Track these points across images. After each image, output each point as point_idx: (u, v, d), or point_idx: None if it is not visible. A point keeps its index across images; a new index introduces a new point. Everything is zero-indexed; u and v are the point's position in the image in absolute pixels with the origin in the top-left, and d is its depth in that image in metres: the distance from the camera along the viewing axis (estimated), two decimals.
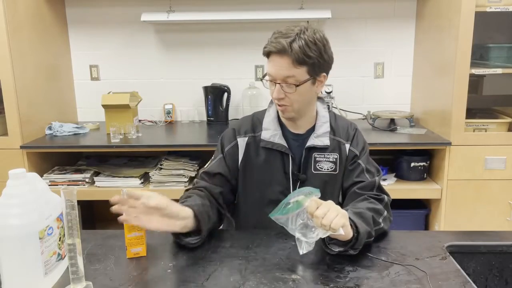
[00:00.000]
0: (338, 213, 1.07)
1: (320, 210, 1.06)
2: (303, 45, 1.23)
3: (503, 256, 1.22)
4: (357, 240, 1.13)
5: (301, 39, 1.23)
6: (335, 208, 1.08)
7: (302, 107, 1.34)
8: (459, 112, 2.29)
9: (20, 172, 0.98)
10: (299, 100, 1.30)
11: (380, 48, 2.91)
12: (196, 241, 1.19)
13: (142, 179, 2.46)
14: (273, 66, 1.27)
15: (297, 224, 1.09)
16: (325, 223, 1.04)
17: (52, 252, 1.03)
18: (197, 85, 2.92)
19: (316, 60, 1.26)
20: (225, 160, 1.41)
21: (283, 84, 1.27)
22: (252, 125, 1.43)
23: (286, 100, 1.30)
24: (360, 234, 1.13)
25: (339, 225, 1.05)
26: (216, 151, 1.45)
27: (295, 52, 1.22)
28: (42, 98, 2.59)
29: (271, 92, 1.32)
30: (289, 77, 1.26)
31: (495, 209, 2.38)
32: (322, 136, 1.38)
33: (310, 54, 1.24)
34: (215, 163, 1.42)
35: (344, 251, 1.14)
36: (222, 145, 1.43)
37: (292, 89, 1.27)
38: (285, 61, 1.24)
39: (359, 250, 1.15)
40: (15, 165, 2.25)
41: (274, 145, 1.38)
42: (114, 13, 2.89)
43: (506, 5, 2.22)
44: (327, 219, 1.05)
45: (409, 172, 2.51)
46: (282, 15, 2.66)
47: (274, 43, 1.25)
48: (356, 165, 1.39)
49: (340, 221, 1.06)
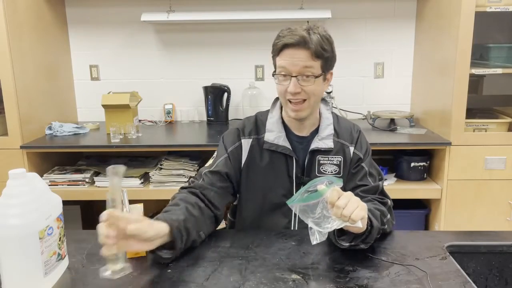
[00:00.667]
0: (358, 205, 1.06)
1: (341, 201, 1.04)
2: (320, 39, 1.23)
3: (503, 256, 1.22)
4: (370, 233, 1.13)
5: (316, 33, 1.23)
6: (355, 200, 1.07)
7: (316, 103, 1.32)
8: (459, 112, 2.29)
9: (20, 172, 0.98)
10: (315, 94, 1.28)
11: (380, 48, 2.91)
12: (168, 255, 1.11)
13: (142, 179, 2.46)
14: (290, 59, 1.24)
15: (316, 213, 1.07)
16: (346, 213, 1.03)
17: (52, 252, 1.03)
18: (197, 85, 2.92)
19: (330, 55, 1.27)
20: (230, 160, 1.38)
21: (299, 77, 1.25)
22: (256, 127, 1.40)
23: (302, 94, 1.26)
24: (373, 228, 1.13)
25: (359, 217, 1.04)
26: (219, 150, 1.41)
27: (315, 43, 1.22)
28: (42, 98, 2.59)
29: (282, 89, 1.28)
30: (307, 68, 1.24)
31: (495, 209, 2.38)
32: (326, 139, 1.37)
33: (326, 47, 1.25)
34: (220, 162, 1.37)
35: (355, 245, 1.14)
36: (225, 144, 1.40)
37: (310, 81, 1.25)
38: (304, 53, 1.23)
39: (370, 244, 1.15)
40: (15, 165, 2.25)
41: (279, 148, 1.35)
42: (114, 13, 2.89)
43: (506, 5, 2.22)
44: (348, 210, 1.03)
45: (409, 172, 2.51)
46: (282, 15, 2.66)
47: (289, 36, 1.23)
48: (360, 168, 1.38)
49: (360, 213, 1.04)
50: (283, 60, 1.26)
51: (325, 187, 1.06)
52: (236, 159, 1.38)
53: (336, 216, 1.05)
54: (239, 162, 1.38)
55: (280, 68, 1.27)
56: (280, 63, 1.27)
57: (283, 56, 1.26)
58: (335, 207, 1.04)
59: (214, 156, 1.41)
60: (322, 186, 1.06)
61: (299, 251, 1.19)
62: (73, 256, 1.17)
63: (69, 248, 1.17)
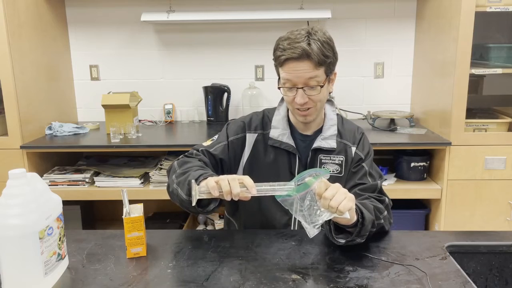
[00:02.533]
0: (346, 196, 1.06)
1: (329, 192, 1.05)
2: (320, 46, 1.24)
3: (503, 256, 1.22)
4: (363, 225, 1.13)
5: (315, 41, 1.24)
6: (343, 191, 1.07)
7: (322, 106, 1.35)
8: (459, 112, 2.29)
9: (20, 172, 0.98)
10: (322, 100, 1.32)
11: (380, 48, 2.91)
12: (214, 206, 1.22)
13: (142, 179, 2.46)
14: (293, 72, 1.26)
15: (304, 205, 1.07)
16: (333, 205, 1.04)
17: (52, 252, 1.03)
18: (197, 85, 2.92)
19: (332, 59, 1.28)
20: (228, 148, 1.40)
21: (305, 88, 1.27)
22: (263, 122, 1.43)
23: (309, 103, 1.29)
24: (365, 220, 1.13)
25: (347, 208, 1.05)
26: (221, 135, 1.44)
27: (316, 53, 1.23)
28: (42, 98, 2.59)
29: (290, 99, 1.30)
30: (312, 79, 1.26)
31: (495, 209, 2.38)
32: (329, 139, 1.39)
33: (328, 53, 1.26)
34: (219, 147, 1.40)
35: (351, 240, 1.14)
36: (228, 132, 1.43)
37: (317, 90, 1.27)
38: (306, 64, 1.24)
39: (366, 237, 1.16)
40: (15, 165, 2.25)
41: (282, 144, 1.38)
42: (114, 13, 2.89)
43: (506, 5, 2.22)
44: (336, 201, 1.04)
45: (409, 172, 2.51)
46: (282, 15, 2.66)
47: (290, 49, 1.23)
48: (360, 168, 1.39)
49: (348, 204, 1.05)
50: (287, 73, 1.27)
51: (313, 178, 1.07)
52: (235, 150, 1.41)
53: (324, 207, 1.06)
54: (238, 154, 1.41)
55: (284, 80, 1.29)
56: (284, 76, 1.28)
57: (286, 69, 1.27)
58: (323, 198, 1.05)
59: (214, 139, 1.44)
60: (309, 178, 1.07)
61: (299, 251, 1.19)
62: (73, 256, 1.17)
63: (69, 248, 1.18)
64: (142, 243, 1.16)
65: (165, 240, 1.26)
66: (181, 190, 1.22)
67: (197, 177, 1.18)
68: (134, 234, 1.15)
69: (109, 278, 1.06)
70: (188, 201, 1.18)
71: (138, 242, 1.16)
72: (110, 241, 1.26)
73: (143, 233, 1.16)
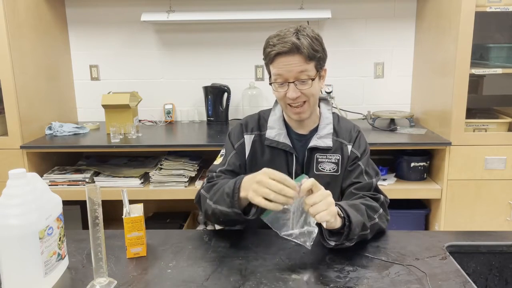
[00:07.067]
0: (327, 208, 1.07)
1: (311, 199, 1.07)
2: (310, 41, 1.26)
3: (503, 256, 1.22)
4: (350, 229, 1.13)
5: (305, 36, 1.26)
6: (327, 202, 1.08)
7: (315, 102, 1.36)
8: (459, 112, 2.29)
9: (20, 172, 0.98)
10: (314, 95, 1.32)
11: (380, 48, 2.91)
12: (254, 211, 1.19)
13: (142, 179, 2.46)
14: (284, 66, 1.27)
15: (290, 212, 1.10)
16: (312, 212, 1.06)
17: (52, 252, 1.03)
18: (197, 85, 2.92)
19: (321, 55, 1.30)
20: (238, 154, 1.42)
21: (296, 82, 1.28)
22: (259, 123, 1.45)
23: (302, 97, 1.30)
24: (352, 224, 1.13)
25: (323, 219, 1.06)
26: (227, 147, 1.45)
27: (306, 47, 1.24)
28: (42, 98, 2.59)
29: (281, 95, 1.31)
30: (302, 73, 1.27)
31: (495, 209, 2.38)
32: (325, 138, 1.40)
33: (317, 48, 1.28)
34: (231, 158, 1.41)
35: (340, 244, 1.14)
36: (232, 141, 1.45)
37: (308, 84, 1.28)
38: (297, 58, 1.26)
39: (355, 240, 1.16)
40: (15, 165, 2.25)
41: (279, 144, 1.39)
42: (114, 13, 2.89)
43: (506, 5, 2.22)
44: (315, 209, 1.06)
45: (409, 172, 2.51)
46: (282, 15, 2.66)
47: (280, 44, 1.25)
48: (356, 166, 1.40)
49: (325, 217, 1.06)
50: (278, 68, 1.28)
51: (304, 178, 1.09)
52: (242, 153, 1.43)
53: (305, 209, 1.09)
54: (244, 157, 1.43)
55: (276, 76, 1.30)
56: (276, 71, 1.30)
57: (277, 64, 1.28)
58: (304, 203, 1.08)
59: (223, 154, 1.45)
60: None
61: (299, 251, 1.19)
62: (73, 256, 1.17)
63: (69, 248, 1.18)
64: (142, 243, 1.16)
65: (165, 240, 1.26)
66: (221, 206, 1.22)
67: (233, 186, 1.18)
68: (134, 234, 1.15)
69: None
70: (233, 213, 1.18)
71: (138, 242, 1.16)
72: (110, 241, 1.26)
73: (143, 233, 1.16)
